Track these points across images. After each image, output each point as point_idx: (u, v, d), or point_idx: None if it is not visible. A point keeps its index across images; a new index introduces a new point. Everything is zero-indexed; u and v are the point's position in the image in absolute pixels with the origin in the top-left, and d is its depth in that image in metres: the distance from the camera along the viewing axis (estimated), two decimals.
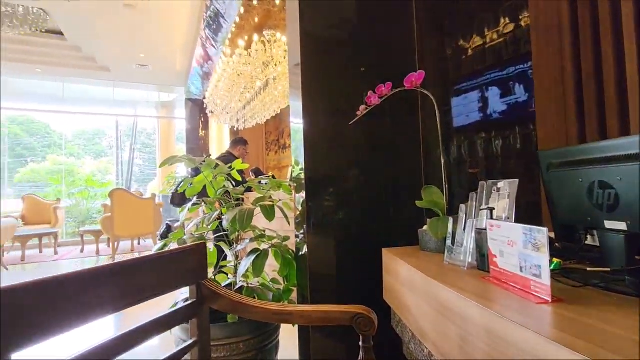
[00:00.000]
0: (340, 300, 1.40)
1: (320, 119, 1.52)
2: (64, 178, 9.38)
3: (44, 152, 14.49)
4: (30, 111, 10.96)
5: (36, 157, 14.00)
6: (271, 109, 4.66)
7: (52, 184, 9.90)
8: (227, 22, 4.21)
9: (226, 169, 1.73)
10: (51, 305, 0.55)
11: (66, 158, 13.13)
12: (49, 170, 11.83)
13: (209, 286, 0.87)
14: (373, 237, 1.47)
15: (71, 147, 15.19)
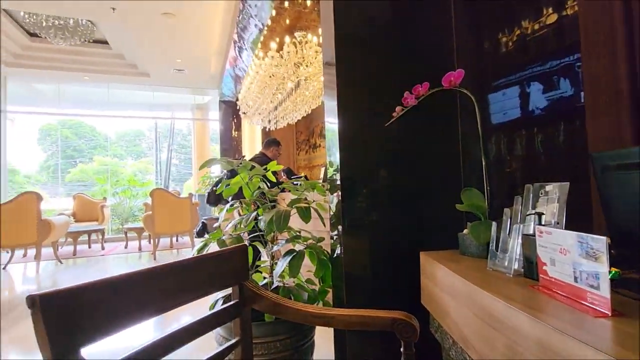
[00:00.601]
0: (376, 303, 1.39)
1: (355, 118, 1.51)
2: (109, 178, 9.99)
3: (91, 153, 15.53)
4: (78, 116, 11.79)
5: (84, 158, 15.04)
6: (302, 109, 4.71)
7: (98, 183, 10.59)
8: (259, 25, 4.29)
9: (261, 170, 1.77)
10: (114, 302, 0.59)
11: (110, 159, 14.00)
12: (96, 170, 12.65)
13: (251, 287, 0.90)
14: (409, 240, 1.45)
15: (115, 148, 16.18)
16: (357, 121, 1.52)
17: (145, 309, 0.64)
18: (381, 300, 1.41)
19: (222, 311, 0.84)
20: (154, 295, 0.67)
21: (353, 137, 1.50)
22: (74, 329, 0.53)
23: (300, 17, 4.34)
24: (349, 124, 1.50)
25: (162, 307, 0.68)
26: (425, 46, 1.61)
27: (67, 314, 0.53)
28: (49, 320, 0.51)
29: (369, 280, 1.43)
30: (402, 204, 1.50)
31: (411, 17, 1.59)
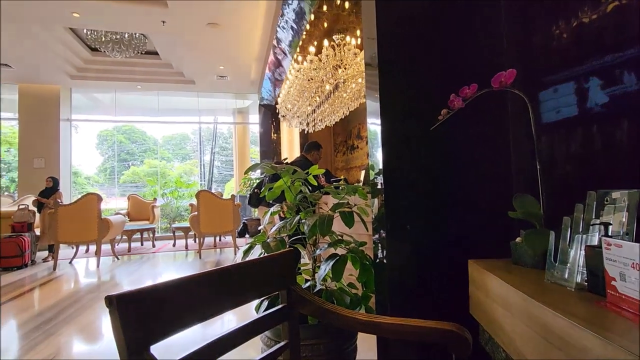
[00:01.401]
0: (421, 311, 1.36)
1: (398, 120, 1.49)
2: (159, 180, 10.64)
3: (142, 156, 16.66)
4: (131, 122, 12.71)
5: (135, 160, 16.17)
6: (340, 111, 4.72)
7: (148, 184, 11.32)
8: (298, 30, 4.37)
9: (303, 174, 1.80)
10: (180, 302, 0.64)
11: (159, 161, 14.91)
12: (146, 172, 13.55)
13: (298, 291, 0.92)
14: (456, 247, 1.40)
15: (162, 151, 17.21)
16: (400, 123, 1.49)
17: (206, 309, 0.68)
18: (426, 309, 1.38)
19: (272, 314, 0.87)
20: (214, 296, 0.71)
21: (396, 139, 1.48)
22: (146, 327, 0.58)
23: (338, 20, 4.36)
24: (392, 125, 1.48)
25: (221, 308, 0.72)
26: (472, 44, 1.55)
27: (139, 313, 0.58)
28: (124, 318, 0.56)
29: (413, 288, 1.40)
30: (448, 209, 1.45)
31: (457, 15, 1.54)
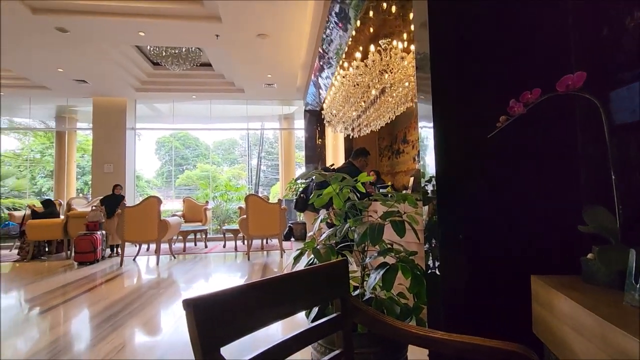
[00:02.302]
0: (478, 327, 1.30)
1: (453, 125, 1.44)
2: (211, 183, 11.24)
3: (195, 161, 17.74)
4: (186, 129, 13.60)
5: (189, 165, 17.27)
6: (386, 116, 4.67)
7: (200, 187, 12.00)
8: (344, 36, 4.40)
9: (352, 181, 1.81)
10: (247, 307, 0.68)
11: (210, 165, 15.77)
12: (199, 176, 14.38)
13: (352, 301, 0.93)
14: (516, 260, 1.33)
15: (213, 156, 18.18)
16: (454, 128, 1.44)
17: (270, 314, 0.72)
18: (483, 325, 1.32)
19: (327, 322, 0.89)
20: (276, 302, 0.75)
21: (450, 145, 1.44)
22: (217, 329, 0.63)
23: (384, 24, 4.33)
24: (445, 130, 1.44)
25: (282, 314, 0.75)
26: (534, 44, 1.46)
27: (212, 316, 0.63)
28: (199, 320, 0.61)
29: (469, 302, 1.35)
30: (507, 220, 1.38)
31: (516, 14, 1.46)
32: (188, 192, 13.80)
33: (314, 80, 6.15)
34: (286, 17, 4.47)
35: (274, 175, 17.39)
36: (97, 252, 5.34)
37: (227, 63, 6.20)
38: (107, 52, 5.56)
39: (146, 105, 8.55)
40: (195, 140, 18.08)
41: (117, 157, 7.52)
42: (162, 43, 5.31)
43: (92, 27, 4.56)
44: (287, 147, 9.45)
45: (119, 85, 6.87)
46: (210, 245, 7.01)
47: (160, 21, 4.46)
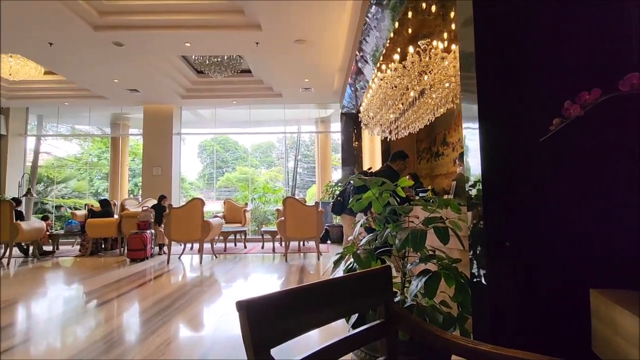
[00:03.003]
0: (529, 342, 1.24)
1: (500, 126, 1.38)
2: (249, 185, 11.59)
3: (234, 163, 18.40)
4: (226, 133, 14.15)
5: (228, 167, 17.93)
6: (425, 118, 4.55)
7: (239, 189, 12.41)
8: (381, 39, 4.37)
9: (392, 186, 1.79)
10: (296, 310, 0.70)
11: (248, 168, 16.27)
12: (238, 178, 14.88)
13: (396, 308, 0.93)
14: (573, 272, 1.24)
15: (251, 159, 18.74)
16: (502, 129, 1.38)
17: (316, 318, 0.74)
18: (535, 340, 1.25)
19: (371, 329, 0.89)
20: (322, 306, 0.76)
21: (497, 147, 1.37)
22: (268, 330, 0.66)
23: (423, 25, 4.24)
24: (492, 132, 1.38)
25: (328, 318, 0.77)
26: (591, 42, 1.37)
27: (263, 318, 0.66)
28: (251, 322, 0.64)
29: (519, 314, 1.28)
30: (560, 228, 1.30)
31: (571, 9, 1.38)
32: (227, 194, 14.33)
33: (351, 83, 6.15)
34: (323, 22, 4.52)
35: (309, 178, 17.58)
36: (146, 250, 5.70)
37: (266, 69, 6.38)
38: (156, 63, 5.94)
39: (190, 112, 9.00)
40: (235, 144, 18.76)
41: (165, 160, 7.99)
42: (206, 52, 5.58)
43: (144, 40, 4.90)
44: (324, 149, 9.51)
45: (166, 93, 7.30)
46: (249, 246, 7.23)
47: (204, 32, 4.69)
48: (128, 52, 5.29)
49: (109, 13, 4.45)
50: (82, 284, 4.27)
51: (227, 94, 7.54)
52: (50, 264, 5.66)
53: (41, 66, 6.11)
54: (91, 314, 3.15)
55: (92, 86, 6.94)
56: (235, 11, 4.50)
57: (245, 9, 4.40)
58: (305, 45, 5.10)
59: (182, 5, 4.39)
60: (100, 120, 10.18)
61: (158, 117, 8.06)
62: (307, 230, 5.54)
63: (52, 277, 4.78)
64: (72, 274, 4.95)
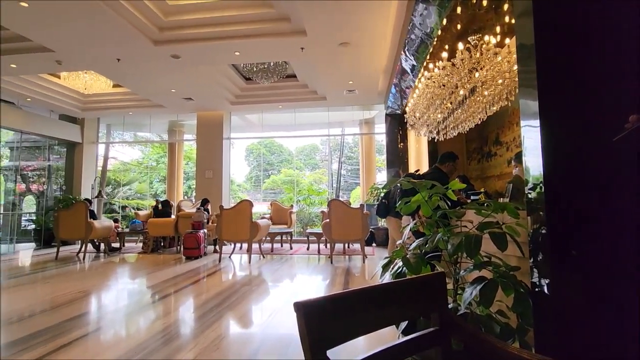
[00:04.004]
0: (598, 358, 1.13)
1: (564, 125, 1.28)
2: (295, 187, 11.83)
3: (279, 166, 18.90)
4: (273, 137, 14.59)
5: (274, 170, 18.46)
6: (477, 117, 4.34)
7: (285, 191, 12.71)
8: (428, 37, 4.24)
9: (442, 189, 1.74)
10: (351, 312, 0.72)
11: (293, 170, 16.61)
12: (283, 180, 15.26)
13: (451, 316, 0.90)
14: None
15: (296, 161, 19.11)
16: (566, 128, 1.28)
17: (371, 322, 0.75)
18: (607, 356, 1.14)
19: (424, 336, 0.88)
20: (376, 311, 0.77)
21: (561, 147, 1.27)
22: (324, 332, 0.68)
23: (474, 20, 4.06)
24: (556, 130, 1.28)
25: (382, 322, 0.77)
26: None
27: (320, 319, 0.68)
28: (308, 323, 0.67)
29: (587, 327, 1.18)
30: (634, 235, 1.17)
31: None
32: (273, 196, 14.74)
33: (396, 83, 6.05)
34: (368, 23, 4.50)
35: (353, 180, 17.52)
36: (200, 249, 6.06)
37: (310, 73, 6.49)
38: (209, 72, 6.30)
39: (239, 117, 9.41)
40: (280, 147, 19.27)
41: (216, 163, 8.43)
42: (254, 60, 5.80)
43: (198, 51, 5.23)
44: (368, 151, 9.43)
45: (217, 100, 7.71)
46: (295, 247, 7.37)
47: (252, 40, 4.89)
48: (184, 64, 5.67)
49: (168, 28, 4.81)
50: (145, 279, 4.64)
51: (273, 99, 7.78)
52: (117, 260, 6.23)
53: (110, 80, 6.76)
54: (152, 307, 3.41)
55: (153, 96, 7.53)
56: (281, 19, 4.64)
57: (291, 16, 4.52)
58: (350, 47, 5.11)
59: (232, 17, 4.62)
60: (159, 127, 11.01)
61: (210, 123, 8.54)
62: (353, 233, 5.53)
63: (119, 272, 5.25)
64: (136, 269, 5.41)
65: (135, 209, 10.57)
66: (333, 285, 4.21)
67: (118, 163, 13.64)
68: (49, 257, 6.39)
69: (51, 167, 9.27)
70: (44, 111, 8.45)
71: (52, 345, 2.38)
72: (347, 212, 5.61)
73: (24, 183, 9.33)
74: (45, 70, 6.19)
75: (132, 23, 4.49)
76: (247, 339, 2.58)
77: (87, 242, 6.41)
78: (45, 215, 8.39)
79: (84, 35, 4.70)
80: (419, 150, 7.45)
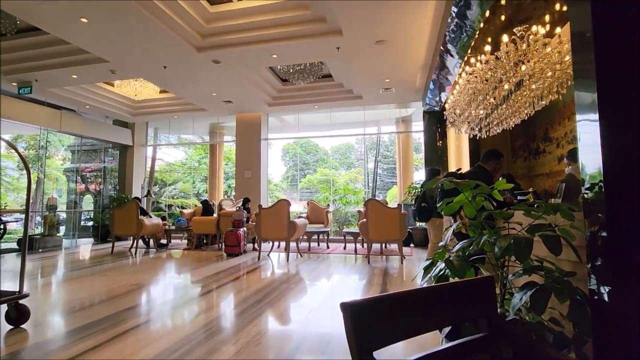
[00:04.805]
0: None
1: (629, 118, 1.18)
2: (331, 186, 11.87)
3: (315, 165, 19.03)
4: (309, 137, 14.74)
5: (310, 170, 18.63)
6: (523, 112, 4.10)
7: (320, 191, 12.79)
8: (469, 30, 4.08)
9: (487, 189, 1.67)
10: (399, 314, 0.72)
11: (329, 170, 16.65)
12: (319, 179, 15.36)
13: (502, 323, 0.87)
14: None
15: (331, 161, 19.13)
16: (631, 122, 1.18)
17: (417, 324, 0.74)
18: None
19: (471, 342, 0.85)
20: (423, 313, 0.76)
21: (624, 144, 1.18)
22: (371, 333, 0.68)
23: (519, 10, 3.85)
24: (618, 125, 1.18)
25: (429, 326, 0.76)
26: None
27: (366, 320, 0.68)
28: (355, 323, 0.68)
29: None
30: None
31: None
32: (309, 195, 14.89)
33: (434, 80, 5.87)
34: (405, 19, 4.41)
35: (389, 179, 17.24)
36: (240, 246, 6.27)
37: (346, 72, 6.48)
38: (247, 76, 6.50)
39: (275, 117, 9.61)
40: (315, 146, 19.42)
41: (254, 164, 8.68)
42: (291, 61, 5.90)
43: (238, 56, 5.41)
44: (405, 150, 9.23)
45: (255, 102, 7.94)
46: (331, 246, 7.40)
47: (289, 42, 4.98)
48: (224, 68, 5.90)
49: (210, 35, 5.03)
50: (189, 274, 4.89)
51: (309, 99, 7.86)
52: (165, 255, 6.62)
53: (157, 86, 7.19)
54: (197, 301, 3.59)
55: (195, 100, 7.91)
56: (317, 20, 4.68)
57: (327, 16, 4.54)
58: (386, 45, 5.04)
59: (269, 21, 4.73)
60: (201, 129, 11.52)
61: (248, 124, 8.80)
62: (390, 233, 5.45)
63: (167, 267, 5.58)
64: (181, 264, 5.71)
65: (180, 208, 11.15)
66: (371, 285, 4.18)
67: (164, 164, 14.48)
68: (105, 252, 6.92)
69: (106, 169, 10.04)
70: (100, 117, 9.17)
71: (111, 333, 2.59)
72: (384, 212, 5.54)
73: (84, 183, 10.18)
74: (101, 79, 6.71)
75: (177, 32, 4.75)
76: (287, 335, 2.64)
77: (138, 238, 6.87)
78: (101, 213, 9.12)
79: (135, 45, 5.04)
80: (459, 148, 7.18)
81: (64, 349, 2.33)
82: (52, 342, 2.48)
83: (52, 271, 5.27)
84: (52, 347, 2.40)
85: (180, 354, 2.23)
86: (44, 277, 4.78)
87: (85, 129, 8.57)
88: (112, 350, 2.29)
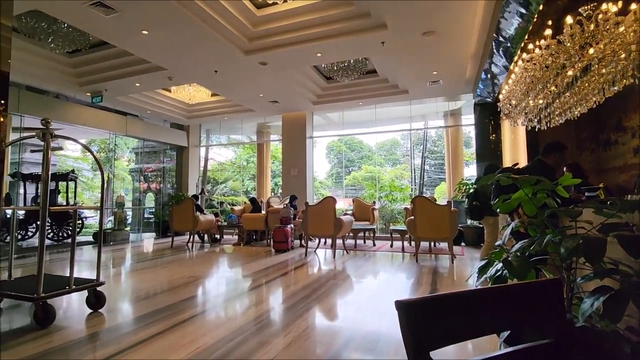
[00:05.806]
0: None
1: None
2: (377, 183, 11.72)
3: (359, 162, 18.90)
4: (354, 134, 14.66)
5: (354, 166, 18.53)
6: (591, 100, 3.72)
7: (366, 188, 12.67)
8: (528, 14, 3.78)
9: (550, 184, 1.55)
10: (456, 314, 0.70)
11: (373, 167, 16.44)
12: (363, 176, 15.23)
13: (570, 329, 0.81)
14: None
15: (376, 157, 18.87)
16: None
17: (477, 326, 0.72)
18: None
19: (536, 348, 0.80)
20: (482, 315, 0.73)
21: None
22: (427, 332, 0.67)
23: None
24: None
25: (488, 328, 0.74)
26: None
27: (422, 319, 0.68)
28: (410, 322, 0.67)
29: None
30: None
31: None
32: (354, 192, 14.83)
33: (486, 69, 5.53)
34: (454, 6, 4.20)
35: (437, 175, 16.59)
36: (288, 242, 6.44)
37: (391, 67, 6.34)
38: (292, 75, 6.62)
39: (320, 116, 9.69)
40: (359, 143, 19.26)
41: (300, 162, 8.84)
42: (335, 59, 5.90)
43: (283, 57, 5.54)
44: (454, 144, 8.82)
45: (300, 101, 8.06)
46: (378, 244, 7.32)
47: (333, 40, 4.98)
48: (270, 69, 6.07)
49: (256, 38, 5.20)
50: (240, 269, 5.12)
51: (353, 96, 7.82)
52: (218, 250, 6.99)
53: (209, 90, 7.60)
54: (248, 295, 3.75)
55: (243, 102, 8.23)
56: (361, 15, 4.63)
57: (371, 11, 4.47)
58: (433, 36, 4.85)
59: (313, 20, 4.77)
60: (249, 130, 11.97)
61: (294, 123, 8.97)
62: (440, 231, 5.26)
63: (220, 261, 5.89)
64: (233, 259, 6.00)
65: (230, 205, 11.69)
66: (419, 284, 4.07)
67: (215, 163, 15.28)
68: (165, 246, 7.49)
69: (165, 168, 10.83)
70: (159, 121, 9.91)
71: (173, 320, 2.81)
72: (433, 209, 5.35)
73: (146, 182, 11.08)
74: (160, 85, 7.24)
75: (227, 37, 4.97)
76: (335, 331, 2.67)
77: (194, 234, 7.34)
78: (161, 210, 9.88)
79: (188, 52, 5.36)
80: (514, 142, 6.71)
81: (134, 333, 2.57)
82: (124, 326, 2.75)
83: (121, 262, 5.82)
84: (124, 330, 2.66)
85: (235, 344, 2.36)
86: (115, 268, 5.29)
87: (147, 132, 9.33)
88: (174, 337, 2.48)
